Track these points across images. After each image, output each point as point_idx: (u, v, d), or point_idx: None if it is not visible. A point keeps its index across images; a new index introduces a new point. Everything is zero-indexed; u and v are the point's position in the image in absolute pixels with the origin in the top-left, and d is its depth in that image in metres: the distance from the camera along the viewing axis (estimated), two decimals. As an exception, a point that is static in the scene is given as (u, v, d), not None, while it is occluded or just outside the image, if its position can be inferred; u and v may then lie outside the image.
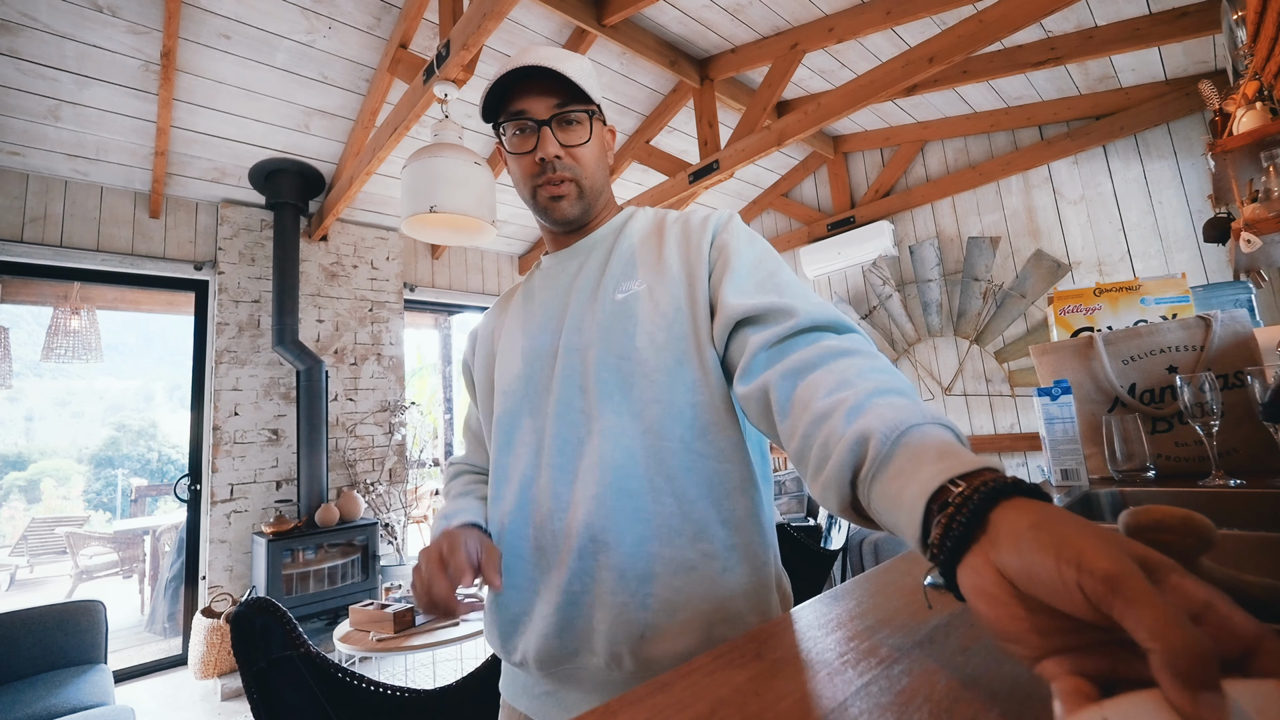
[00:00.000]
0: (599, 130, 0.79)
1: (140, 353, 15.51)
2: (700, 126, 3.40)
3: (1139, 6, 2.56)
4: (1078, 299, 1.40)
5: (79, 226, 3.21)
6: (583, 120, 0.76)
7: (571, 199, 0.77)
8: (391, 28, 2.82)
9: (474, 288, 4.68)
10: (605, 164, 0.82)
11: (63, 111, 2.80)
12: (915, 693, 0.37)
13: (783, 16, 2.96)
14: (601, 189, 0.81)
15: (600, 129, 0.80)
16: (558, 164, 0.75)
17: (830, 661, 0.43)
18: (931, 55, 2.42)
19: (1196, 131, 3.05)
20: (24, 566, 6.00)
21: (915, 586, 0.59)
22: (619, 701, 0.40)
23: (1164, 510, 0.40)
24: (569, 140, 0.75)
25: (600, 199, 0.81)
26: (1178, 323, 1.15)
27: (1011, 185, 3.70)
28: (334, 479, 3.82)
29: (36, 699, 1.95)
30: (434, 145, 2.42)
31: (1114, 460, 1.10)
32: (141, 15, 2.49)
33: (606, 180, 0.82)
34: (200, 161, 3.29)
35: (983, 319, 3.75)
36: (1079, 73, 3.10)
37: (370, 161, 3.06)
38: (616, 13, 2.79)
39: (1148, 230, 3.21)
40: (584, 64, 0.77)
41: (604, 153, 0.81)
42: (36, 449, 12.19)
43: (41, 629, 2.25)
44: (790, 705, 0.37)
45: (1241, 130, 1.73)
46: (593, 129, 0.77)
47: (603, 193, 0.82)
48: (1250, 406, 1.02)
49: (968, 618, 0.49)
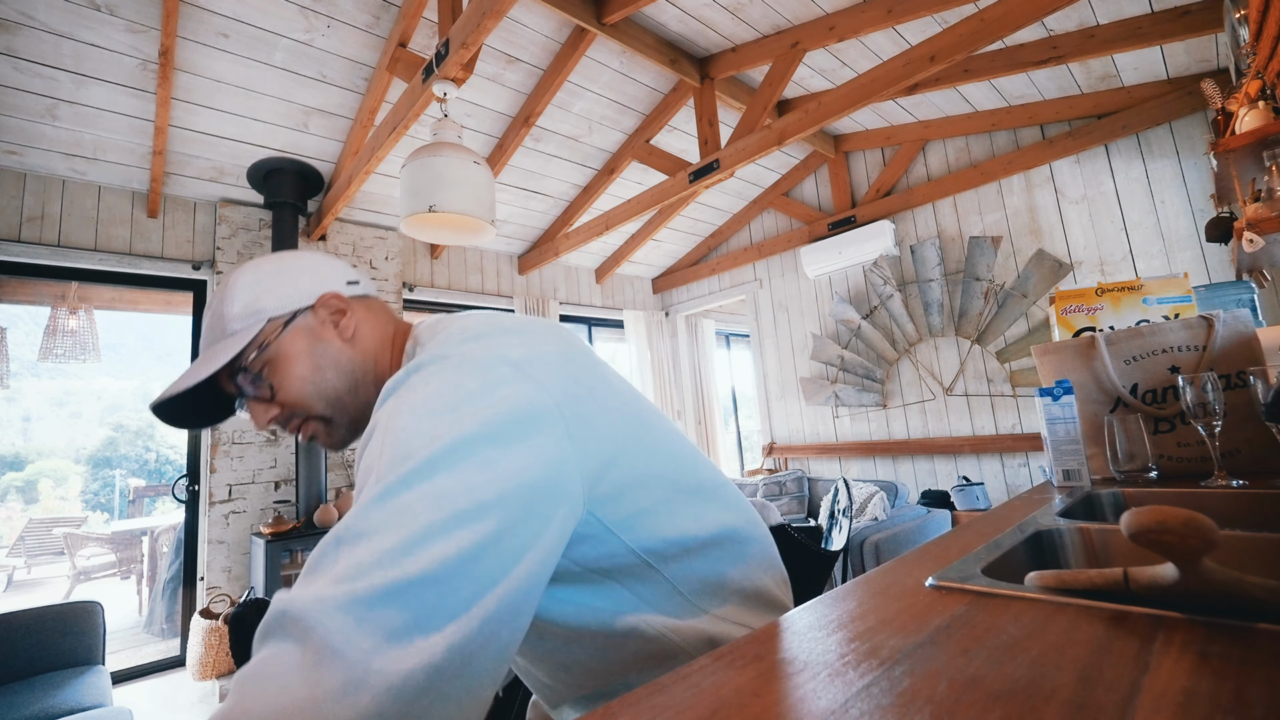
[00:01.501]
0: (285, 346, 0.67)
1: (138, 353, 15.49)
2: (700, 125, 3.40)
3: (1141, 5, 2.55)
4: (1079, 299, 1.40)
5: (77, 226, 3.20)
6: (254, 371, 0.66)
7: (323, 435, 0.70)
8: (390, 26, 2.81)
9: (473, 288, 4.67)
10: (323, 361, 0.68)
11: (60, 110, 2.79)
12: (917, 694, 0.37)
13: (783, 15, 2.95)
14: (343, 391, 0.69)
15: (287, 342, 0.67)
16: (279, 420, 0.68)
17: (831, 663, 0.43)
18: (933, 54, 2.42)
19: (1199, 131, 3.04)
20: (21, 567, 5.98)
21: (916, 587, 0.58)
22: (619, 703, 0.40)
23: (1166, 511, 0.40)
24: (262, 396, 0.67)
25: (356, 397, 0.69)
26: (1180, 323, 1.15)
27: (1013, 184, 3.70)
28: (333, 479, 3.81)
29: (34, 700, 1.94)
30: (433, 144, 2.42)
31: (1116, 461, 1.10)
32: (139, 14, 2.48)
33: (344, 370, 0.69)
34: (198, 161, 3.29)
35: (984, 319, 3.75)
36: (1081, 71, 3.10)
37: (369, 161, 3.05)
38: (616, 11, 2.78)
39: (1150, 230, 3.20)
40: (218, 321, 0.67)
41: (312, 353, 0.68)
42: (34, 449, 12.17)
43: (39, 630, 2.23)
44: (791, 707, 0.37)
45: (1244, 129, 1.73)
46: (272, 365, 0.66)
47: (354, 387, 0.69)
48: (1253, 407, 1.02)
49: (969, 619, 0.48)
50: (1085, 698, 0.34)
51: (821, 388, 4.54)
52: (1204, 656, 0.38)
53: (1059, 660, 0.40)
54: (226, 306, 0.67)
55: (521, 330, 0.61)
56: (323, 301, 0.70)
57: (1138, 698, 0.34)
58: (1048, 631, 0.45)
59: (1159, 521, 0.40)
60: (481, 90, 3.25)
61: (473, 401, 0.50)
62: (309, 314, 0.69)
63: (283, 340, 0.67)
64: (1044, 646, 0.42)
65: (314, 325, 0.69)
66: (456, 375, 0.53)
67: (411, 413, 0.50)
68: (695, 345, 5.93)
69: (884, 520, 3.44)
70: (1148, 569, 0.45)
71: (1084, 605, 0.49)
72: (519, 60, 3.14)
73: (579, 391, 0.57)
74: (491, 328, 0.61)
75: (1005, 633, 0.45)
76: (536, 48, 3.09)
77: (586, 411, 0.56)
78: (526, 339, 0.60)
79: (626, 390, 0.66)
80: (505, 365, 0.54)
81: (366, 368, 0.70)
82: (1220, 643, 0.40)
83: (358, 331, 0.71)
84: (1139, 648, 0.40)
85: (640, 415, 0.64)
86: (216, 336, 0.67)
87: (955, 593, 0.56)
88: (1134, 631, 0.43)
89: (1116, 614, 0.46)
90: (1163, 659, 0.38)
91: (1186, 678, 0.36)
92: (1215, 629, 0.42)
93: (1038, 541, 0.78)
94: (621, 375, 0.69)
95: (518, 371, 0.54)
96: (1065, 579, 0.51)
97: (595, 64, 3.27)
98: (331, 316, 0.70)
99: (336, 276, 0.73)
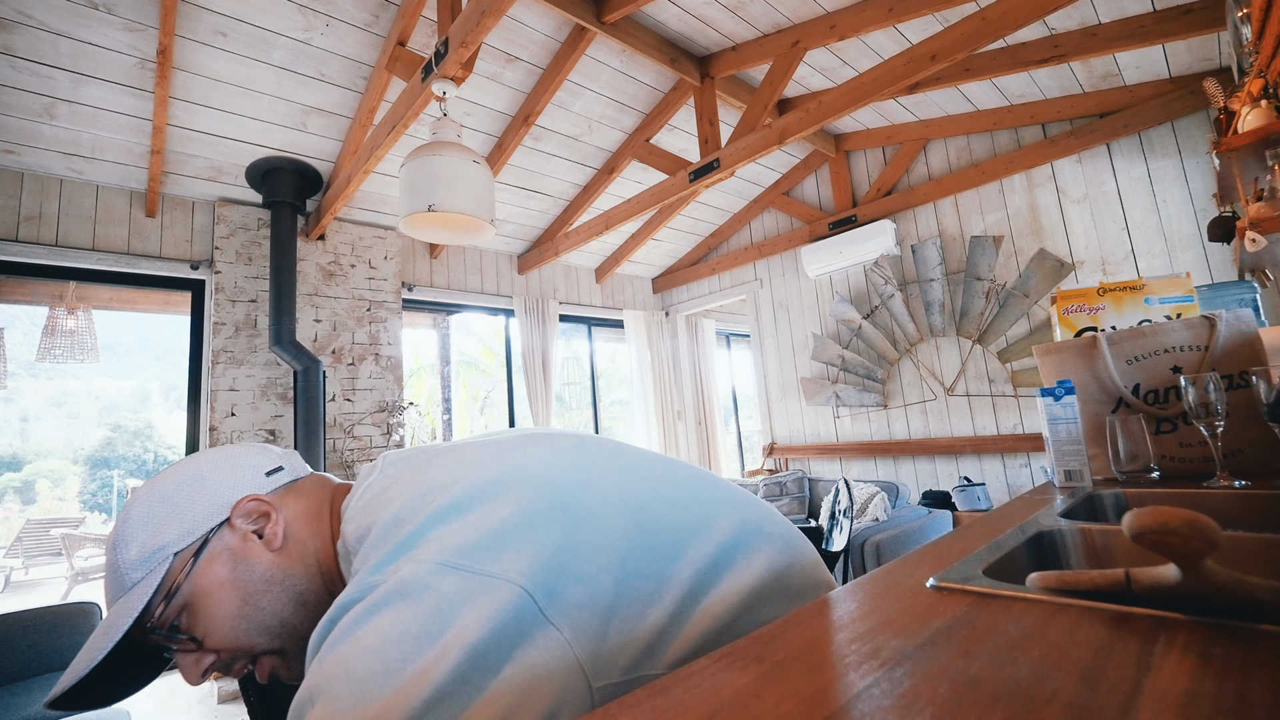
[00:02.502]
0: (200, 582, 0.56)
1: (136, 353, 15.51)
2: (701, 125, 3.39)
3: (1143, 4, 2.55)
4: (1081, 298, 1.39)
5: (74, 225, 3.19)
6: (167, 628, 0.55)
7: (284, 669, 0.59)
8: (389, 25, 2.81)
9: (473, 287, 4.67)
10: (252, 588, 0.57)
11: (58, 109, 2.79)
12: (918, 695, 0.36)
13: (784, 14, 2.95)
14: (286, 615, 0.58)
15: (200, 576, 0.56)
16: (222, 668, 0.58)
17: (832, 664, 0.42)
18: (934, 53, 2.41)
19: (1201, 130, 3.04)
20: (19, 568, 5.99)
21: (918, 588, 0.58)
22: (618, 705, 0.39)
23: (1168, 512, 0.40)
24: (186, 647, 0.56)
25: (305, 611, 0.59)
26: (1182, 323, 1.14)
27: (1014, 184, 3.69)
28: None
29: (31, 702, 1.94)
30: (432, 143, 2.41)
31: (1118, 461, 1.09)
32: (137, 12, 2.48)
33: (281, 588, 0.58)
34: (197, 160, 3.28)
35: (985, 319, 3.74)
36: (1083, 70, 3.09)
37: (368, 160, 3.05)
38: (616, 10, 2.78)
39: (1152, 229, 3.20)
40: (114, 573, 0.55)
41: (235, 581, 0.57)
42: (32, 450, 12.19)
43: (36, 632, 2.23)
44: (792, 708, 0.37)
45: (1246, 128, 1.72)
46: (189, 609, 0.56)
47: (300, 603, 0.58)
48: (1255, 407, 1.01)
49: (971, 620, 0.48)
50: (1087, 699, 0.34)
51: (822, 388, 4.54)
52: (1206, 658, 0.38)
53: (1060, 661, 0.39)
54: (119, 553, 0.55)
55: (458, 488, 0.51)
56: (238, 511, 0.58)
57: (1139, 699, 0.33)
58: (1049, 633, 0.44)
59: (1161, 522, 0.40)
60: (481, 89, 3.25)
61: (419, 654, 0.40)
62: (224, 531, 0.58)
63: (196, 576, 0.55)
64: (1045, 648, 0.42)
65: (234, 545, 0.57)
66: (390, 625, 0.42)
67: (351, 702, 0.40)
68: (695, 345, 5.93)
69: (885, 521, 3.43)
70: (1150, 570, 0.45)
71: (1086, 606, 0.48)
72: (518, 59, 3.13)
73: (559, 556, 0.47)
74: (421, 508, 0.50)
75: (1007, 634, 0.45)
76: (536, 46, 3.08)
77: (574, 574, 0.47)
78: (465, 512, 0.49)
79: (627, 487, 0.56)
80: (450, 574, 0.44)
81: (310, 574, 0.59)
82: (1223, 644, 0.39)
83: (288, 534, 0.59)
84: (1141, 649, 0.40)
85: (644, 524, 0.53)
86: (116, 593, 0.55)
87: (956, 594, 0.55)
88: (1136, 633, 0.43)
89: (1118, 615, 0.46)
90: (1165, 660, 0.38)
91: (1189, 679, 0.35)
92: (1217, 630, 0.42)
93: (1039, 542, 0.78)
94: (619, 446, 0.61)
95: (467, 575, 0.44)
96: (1067, 580, 0.51)
97: (595, 63, 3.26)
98: (252, 527, 0.59)
99: (250, 473, 0.62)
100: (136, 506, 0.57)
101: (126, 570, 0.54)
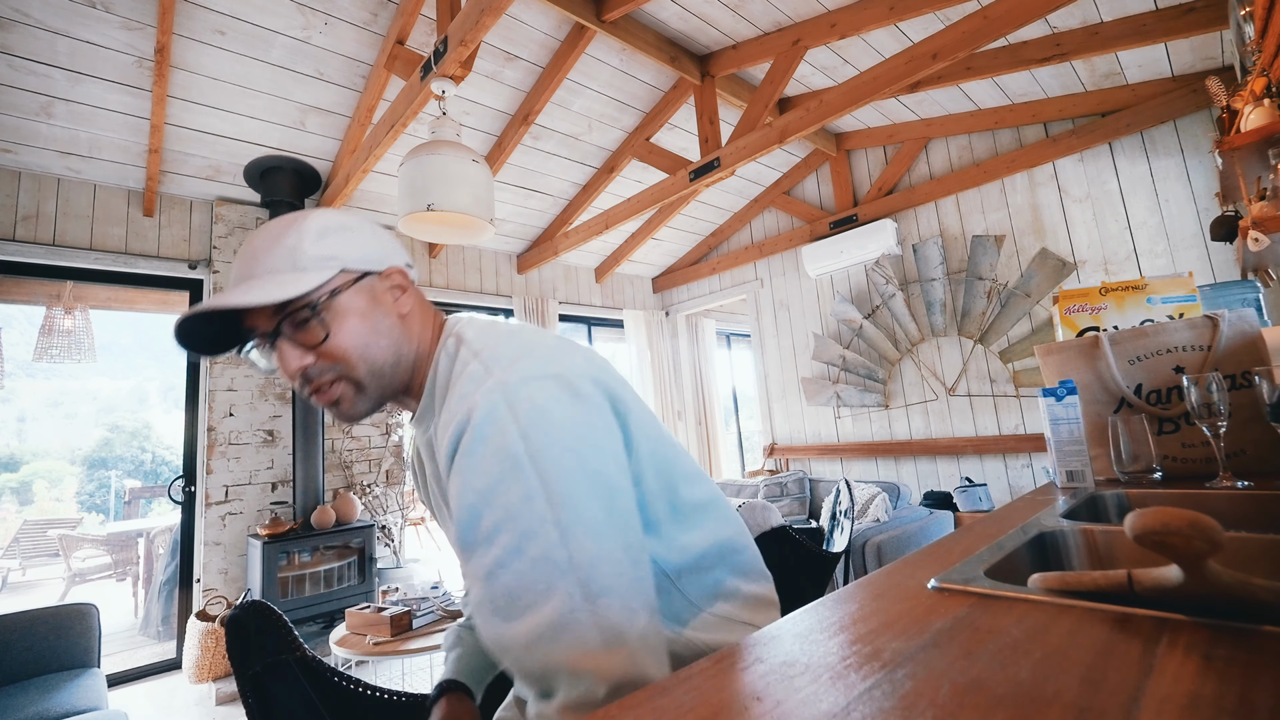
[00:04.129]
0: (350, 300, 0.66)
1: (134, 353, 15.51)
2: (701, 124, 3.39)
3: (1145, 2, 2.54)
4: (1083, 298, 1.39)
5: (72, 225, 3.19)
6: (317, 313, 0.64)
7: (349, 400, 0.68)
8: (388, 23, 2.81)
9: (472, 287, 4.67)
10: (380, 326, 0.68)
11: (55, 108, 2.78)
12: (919, 696, 0.36)
13: (784, 12, 2.94)
14: (386, 363, 0.69)
15: (352, 296, 0.67)
16: (312, 371, 0.66)
17: (833, 665, 0.42)
18: (935, 51, 2.41)
19: (1203, 128, 3.04)
20: (16, 569, 5.98)
21: (919, 589, 0.58)
22: (618, 706, 0.40)
23: (1171, 513, 0.40)
24: (311, 340, 0.64)
25: (395, 371, 0.70)
26: (1184, 322, 1.14)
27: (1016, 183, 3.69)
28: (330, 480, 3.80)
29: (29, 703, 1.93)
30: (431, 142, 2.41)
31: (1120, 461, 1.09)
32: (135, 11, 2.47)
33: (394, 341, 0.69)
34: (195, 159, 3.28)
35: (987, 318, 3.74)
36: (1084, 69, 3.09)
37: (367, 159, 3.05)
38: (616, 8, 2.77)
39: (1154, 228, 3.19)
40: (289, 254, 0.64)
41: (372, 314, 0.68)
42: (29, 450, 12.18)
43: (33, 633, 2.23)
44: (793, 709, 0.37)
45: (1249, 127, 1.72)
46: (333, 313, 0.65)
47: (396, 362, 0.70)
48: (1258, 407, 1.01)
49: (972, 621, 0.48)
50: (1089, 701, 0.34)
51: (823, 388, 4.54)
52: (1209, 659, 0.38)
53: (1062, 663, 0.39)
54: (303, 241, 0.65)
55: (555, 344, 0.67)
56: (391, 272, 0.71)
57: (1141, 701, 0.33)
58: (1051, 634, 0.44)
59: (1163, 523, 0.40)
60: (480, 88, 3.24)
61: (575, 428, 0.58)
62: (376, 279, 0.70)
63: (349, 294, 0.67)
64: (1047, 649, 0.42)
65: (379, 291, 0.69)
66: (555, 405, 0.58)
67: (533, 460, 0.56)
68: (696, 345, 5.92)
69: (886, 522, 3.43)
70: (1152, 571, 0.45)
71: (1088, 607, 0.48)
72: (518, 58, 3.13)
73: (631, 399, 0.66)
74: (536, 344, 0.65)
75: (1008, 635, 0.45)
76: (535, 45, 3.08)
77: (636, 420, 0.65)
78: (569, 352, 0.66)
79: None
80: (587, 383, 0.62)
81: (410, 348, 0.71)
82: (1225, 645, 0.39)
83: (411, 312, 0.72)
84: (1143, 650, 0.40)
85: (661, 429, 0.70)
86: (284, 267, 0.63)
87: (958, 595, 0.55)
88: (1138, 634, 0.43)
89: (1120, 616, 0.46)
90: (1167, 662, 0.38)
91: (1191, 681, 0.35)
92: (1220, 631, 0.41)
93: (1041, 543, 0.77)
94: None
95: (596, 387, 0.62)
96: (1069, 581, 0.51)
97: (595, 61, 3.26)
98: (393, 290, 0.71)
99: (400, 255, 0.74)
100: (315, 219, 0.68)
101: (303, 256, 0.64)
